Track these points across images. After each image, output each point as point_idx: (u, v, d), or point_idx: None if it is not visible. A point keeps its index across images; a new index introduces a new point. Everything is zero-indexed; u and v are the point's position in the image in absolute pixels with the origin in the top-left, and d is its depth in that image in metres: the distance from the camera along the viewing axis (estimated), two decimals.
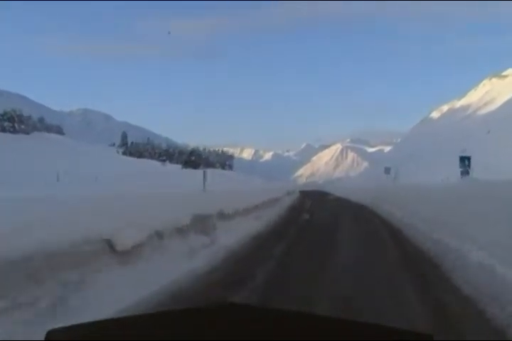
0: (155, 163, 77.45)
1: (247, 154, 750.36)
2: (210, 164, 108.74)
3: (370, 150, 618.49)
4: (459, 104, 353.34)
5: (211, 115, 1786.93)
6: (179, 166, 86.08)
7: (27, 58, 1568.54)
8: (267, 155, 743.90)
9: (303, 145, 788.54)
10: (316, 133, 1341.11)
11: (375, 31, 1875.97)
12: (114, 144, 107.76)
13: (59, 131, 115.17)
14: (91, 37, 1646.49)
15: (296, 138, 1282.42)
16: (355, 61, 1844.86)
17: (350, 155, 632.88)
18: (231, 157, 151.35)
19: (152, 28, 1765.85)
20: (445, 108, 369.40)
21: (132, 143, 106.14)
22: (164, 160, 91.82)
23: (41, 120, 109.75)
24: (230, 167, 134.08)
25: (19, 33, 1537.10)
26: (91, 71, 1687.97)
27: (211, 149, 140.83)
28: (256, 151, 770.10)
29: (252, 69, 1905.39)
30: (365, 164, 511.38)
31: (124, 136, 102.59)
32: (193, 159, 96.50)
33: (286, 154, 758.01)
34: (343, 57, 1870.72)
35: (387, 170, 56.68)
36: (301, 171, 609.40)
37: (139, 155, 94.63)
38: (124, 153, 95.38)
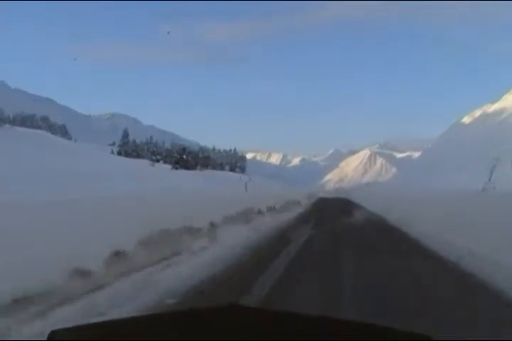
0: (143, 163, 67.38)
1: (274, 159, 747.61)
2: (214, 165, 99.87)
3: (399, 156, 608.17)
4: (492, 108, 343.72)
5: (239, 120, 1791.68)
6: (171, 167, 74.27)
7: (56, 63, 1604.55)
8: (295, 161, 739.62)
9: (331, 151, 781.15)
10: (344, 139, 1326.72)
11: (406, 34, 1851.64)
12: (114, 143, 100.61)
13: (63, 130, 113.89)
14: (118, 41, 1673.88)
15: (324, 144, 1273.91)
16: (383, 66, 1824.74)
17: (379, 161, 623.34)
18: (243, 158, 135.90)
19: (181, 32, 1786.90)
20: (477, 113, 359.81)
21: (134, 141, 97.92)
22: (158, 160, 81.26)
23: (45, 118, 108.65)
24: (242, 169, 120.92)
25: (47, 38, 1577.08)
26: (120, 75, 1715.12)
27: (221, 149, 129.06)
28: (284, 156, 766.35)
29: (280, 74, 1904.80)
30: (394, 170, 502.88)
31: (125, 135, 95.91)
32: (185, 158, 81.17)
33: (314, 159, 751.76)
34: (371, 61, 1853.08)
35: None
36: (328, 176, 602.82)
37: (137, 154, 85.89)
38: (119, 153, 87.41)
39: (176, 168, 71.65)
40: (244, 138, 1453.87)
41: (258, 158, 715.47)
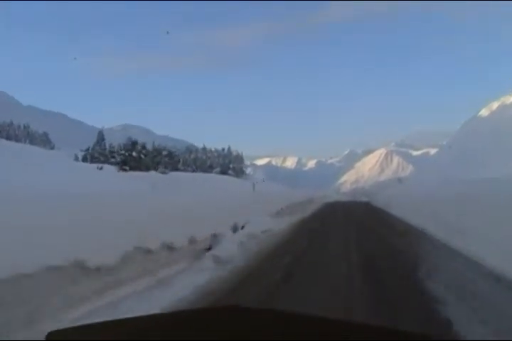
0: (91, 167, 50.02)
1: (290, 163, 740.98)
2: (202, 166, 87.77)
3: (416, 153, 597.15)
4: (510, 99, 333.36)
5: (253, 126, 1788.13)
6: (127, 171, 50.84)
7: (66, 78, 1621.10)
8: (310, 163, 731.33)
9: (346, 152, 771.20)
10: (359, 139, 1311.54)
11: (420, 26, 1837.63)
12: (88, 149, 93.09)
13: (44, 139, 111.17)
14: (127, 53, 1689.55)
15: (339, 145, 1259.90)
16: (395, 63, 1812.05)
17: (395, 159, 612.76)
18: (239, 159, 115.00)
19: (190, 40, 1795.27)
20: (495, 105, 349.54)
21: (110, 146, 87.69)
22: (118, 163, 61.64)
23: (26, 127, 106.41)
24: (237, 172, 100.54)
25: (57, 53, 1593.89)
26: (130, 87, 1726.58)
27: (213, 148, 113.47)
28: (299, 160, 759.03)
29: (291, 77, 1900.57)
30: (411, 168, 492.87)
31: (100, 139, 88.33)
32: (135, 156, 54.55)
33: (329, 161, 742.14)
34: (382, 58, 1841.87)
35: None
36: (344, 177, 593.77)
37: (105, 158, 69.60)
38: (84, 158, 75.72)
39: (125, 170, 50.31)
40: (259, 144, 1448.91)
41: (273, 162, 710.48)
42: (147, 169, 52.51)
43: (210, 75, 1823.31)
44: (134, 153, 53.77)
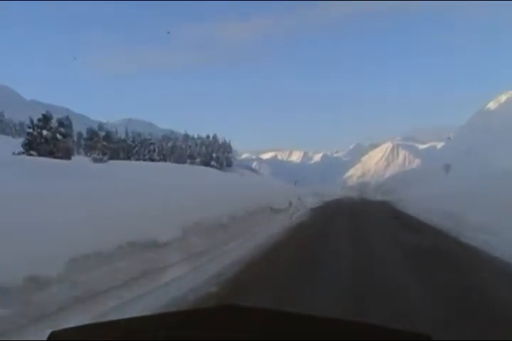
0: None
1: (296, 157, 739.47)
2: (180, 156, 78.22)
3: (422, 147, 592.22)
4: None
5: (258, 120, 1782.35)
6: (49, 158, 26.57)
7: (69, 72, 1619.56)
8: (316, 157, 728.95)
9: (352, 146, 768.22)
10: (365, 132, 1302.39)
11: (424, 21, 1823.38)
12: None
13: (18, 127, 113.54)
14: (129, 47, 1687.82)
15: (345, 138, 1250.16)
16: (400, 56, 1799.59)
17: (402, 153, 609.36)
18: (226, 147, 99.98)
19: (194, 33, 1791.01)
20: (503, 98, 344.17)
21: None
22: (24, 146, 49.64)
23: (1, 114, 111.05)
24: (221, 163, 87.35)
25: (59, 48, 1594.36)
26: (132, 81, 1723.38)
27: (195, 136, 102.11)
28: (305, 154, 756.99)
29: (297, 71, 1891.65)
30: (417, 161, 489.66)
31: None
32: (46, 135, 32.95)
33: (335, 155, 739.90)
34: (387, 52, 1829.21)
35: None
36: (351, 172, 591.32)
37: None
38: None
39: (30, 155, 32.82)
40: (265, 138, 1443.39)
41: (279, 157, 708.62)
42: (67, 155, 35.21)
43: (214, 70, 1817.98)
44: (44, 132, 34.78)
